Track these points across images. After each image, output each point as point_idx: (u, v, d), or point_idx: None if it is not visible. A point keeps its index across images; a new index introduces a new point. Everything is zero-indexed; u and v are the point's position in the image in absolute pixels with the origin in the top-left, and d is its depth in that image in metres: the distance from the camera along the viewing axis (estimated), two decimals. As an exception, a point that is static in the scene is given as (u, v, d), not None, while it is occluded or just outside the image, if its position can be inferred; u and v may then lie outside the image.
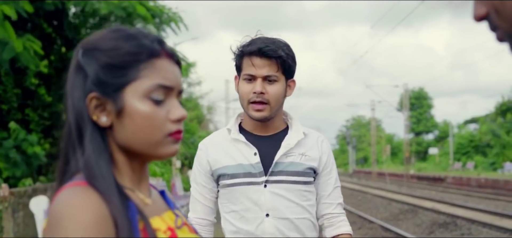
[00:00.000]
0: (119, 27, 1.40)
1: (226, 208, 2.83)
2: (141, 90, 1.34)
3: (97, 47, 1.35)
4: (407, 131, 55.86)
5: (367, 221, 17.38)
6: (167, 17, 17.22)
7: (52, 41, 16.92)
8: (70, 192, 1.26)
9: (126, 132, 1.35)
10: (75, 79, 1.35)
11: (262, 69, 2.72)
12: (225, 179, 2.81)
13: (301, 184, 2.79)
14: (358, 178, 58.45)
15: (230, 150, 2.82)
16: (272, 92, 2.73)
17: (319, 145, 2.89)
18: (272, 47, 2.71)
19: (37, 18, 15.88)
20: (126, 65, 1.34)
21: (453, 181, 39.27)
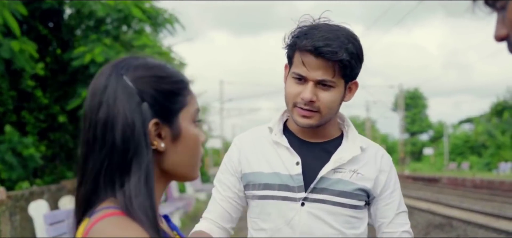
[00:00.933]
0: (146, 57, 1.44)
1: (255, 225, 2.36)
2: (190, 115, 1.41)
3: (148, 75, 1.38)
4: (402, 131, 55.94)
5: (363, 223, 17.39)
6: (163, 19, 17.22)
7: (47, 43, 16.89)
8: (117, 223, 1.27)
9: (177, 156, 1.39)
10: (128, 105, 1.33)
11: (316, 72, 2.20)
12: (256, 189, 2.33)
13: (347, 208, 2.28)
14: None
15: (268, 154, 2.34)
16: (325, 100, 2.23)
17: (377, 162, 2.36)
18: (332, 47, 2.17)
19: (32, 19, 15.86)
20: (180, 92, 1.40)
21: (448, 182, 39.32)
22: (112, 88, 1.35)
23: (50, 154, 16.53)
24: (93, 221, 1.29)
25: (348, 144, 2.35)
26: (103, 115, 1.33)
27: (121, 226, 1.26)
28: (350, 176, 2.30)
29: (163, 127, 1.36)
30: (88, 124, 1.35)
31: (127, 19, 16.20)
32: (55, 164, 16.56)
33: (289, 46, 2.28)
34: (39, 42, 15.91)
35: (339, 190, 2.28)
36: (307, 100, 2.22)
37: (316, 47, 2.16)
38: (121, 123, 1.32)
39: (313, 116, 2.26)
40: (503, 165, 48.43)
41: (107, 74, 1.38)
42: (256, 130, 2.46)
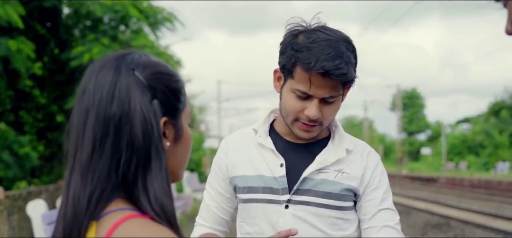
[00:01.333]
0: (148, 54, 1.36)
1: (242, 229, 2.31)
2: (187, 116, 1.37)
3: (160, 71, 1.32)
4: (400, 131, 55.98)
5: (361, 222, 17.40)
6: (162, 17, 17.23)
7: (45, 43, 16.88)
8: (148, 225, 1.20)
9: (176, 156, 1.35)
10: (142, 100, 1.27)
11: (323, 90, 2.12)
12: (241, 192, 2.28)
13: (333, 209, 2.20)
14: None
15: (254, 157, 2.28)
16: (328, 114, 2.18)
17: (363, 159, 2.29)
18: (341, 69, 2.08)
19: (30, 19, 15.85)
20: (183, 91, 1.36)
21: (446, 182, 39.35)
22: (124, 82, 1.27)
23: (48, 153, 16.54)
24: (114, 222, 1.20)
25: (333, 146, 2.28)
26: (117, 110, 1.25)
27: (155, 228, 1.20)
28: (335, 176, 2.22)
29: (168, 126, 1.31)
30: (94, 118, 1.26)
31: (125, 19, 16.22)
32: (53, 164, 16.56)
33: (288, 58, 2.15)
34: (37, 42, 15.90)
35: (323, 191, 2.21)
36: (314, 118, 2.15)
37: (326, 70, 2.05)
38: (138, 119, 1.25)
39: (315, 129, 2.20)
40: (501, 165, 48.50)
41: (115, 67, 1.29)
42: (243, 131, 2.40)
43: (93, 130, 1.25)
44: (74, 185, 1.25)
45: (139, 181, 1.24)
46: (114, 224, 1.19)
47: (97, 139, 1.25)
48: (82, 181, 1.24)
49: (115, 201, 1.24)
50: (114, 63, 1.30)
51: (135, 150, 1.24)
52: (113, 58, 1.32)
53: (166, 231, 1.19)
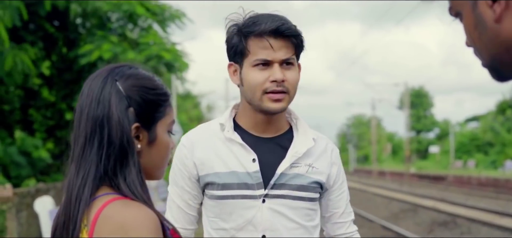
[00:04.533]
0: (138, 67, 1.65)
1: (214, 225, 2.34)
2: (166, 125, 1.64)
3: (138, 84, 1.59)
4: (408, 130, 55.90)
5: (367, 220, 17.42)
6: (169, 14, 17.29)
7: (54, 42, 16.99)
8: (126, 205, 1.49)
9: (149, 158, 1.61)
10: (119, 107, 1.55)
11: (280, 52, 2.23)
12: (215, 189, 2.30)
13: (306, 201, 2.31)
14: (358, 176, 58.49)
15: (223, 153, 2.31)
16: (291, 79, 2.26)
17: (328, 155, 2.41)
18: (288, 24, 2.25)
19: (39, 18, 15.95)
20: (162, 104, 1.63)
21: (454, 180, 39.28)
22: (107, 90, 1.55)
23: (57, 151, 16.64)
24: (100, 206, 1.49)
25: (300, 137, 2.37)
26: (100, 112, 1.54)
27: (132, 206, 1.49)
28: (306, 171, 2.32)
29: (142, 131, 1.57)
30: (86, 118, 1.55)
31: (132, 17, 16.29)
32: (62, 162, 16.63)
33: (238, 40, 2.27)
34: (45, 41, 16.02)
35: (297, 185, 2.30)
36: (280, 79, 2.23)
37: (277, 28, 2.21)
38: (114, 122, 1.53)
39: (284, 98, 2.27)
40: (509, 163, 48.28)
41: (104, 77, 1.58)
42: (204, 127, 2.42)
43: (85, 127, 1.55)
44: (70, 174, 1.56)
45: (118, 172, 1.53)
46: (102, 206, 1.48)
47: (87, 135, 1.54)
48: (75, 171, 1.54)
49: (102, 187, 1.53)
50: (105, 73, 1.59)
51: (112, 147, 1.52)
52: (106, 69, 1.61)
53: (142, 206, 1.49)
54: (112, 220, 1.45)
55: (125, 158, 1.53)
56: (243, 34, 2.26)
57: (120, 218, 1.45)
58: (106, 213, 1.47)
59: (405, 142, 55.34)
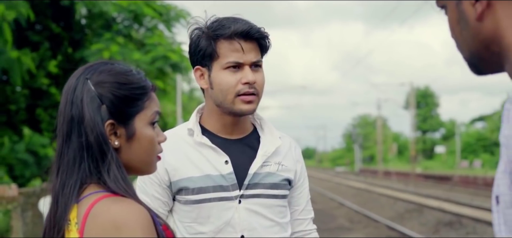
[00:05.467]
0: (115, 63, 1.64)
1: (191, 230, 2.33)
2: (147, 118, 1.61)
3: (109, 81, 1.58)
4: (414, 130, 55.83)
5: (372, 220, 17.43)
6: (175, 14, 17.34)
7: (59, 42, 17.04)
8: (116, 202, 1.49)
9: (131, 153, 1.60)
10: (91, 106, 1.55)
11: (250, 54, 2.28)
12: (189, 194, 2.30)
13: (279, 198, 2.38)
14: (364, 176, 58.42)
15: (194, 157, 2.33)
16: (260, 81, 2.33)
17: (292, 153, 2.49)
18: (256, 28, 2.30)
19: (45, 18, 16.00)
20: (137, 98, 1.60)
21: (460, 180, 39.21)
22: (79, 90, 1.57)
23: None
24: (89, 204, 1.49)
25: (267, 137, 2.42)
26: (74, 112, 1.55)
27: (122, 202, 1.49)
28: (277, 169, 2.38)
29: (118, 127, 1.57)
30: (63, 119, 1.57)
31: (138, 18, 16.34)
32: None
33: (207, 43, 2.29)
34: (51, 41, 16.06)
35: (270, 183, 2.36)
36: (252, 81, 2.27)
37: (247, 31, 2.26)
38: (88, 121, 1.53)
39: (255, 100, 2.31)
40: (515, 164, 48.08)
41: (77, 76, 1.60)
42: (171, 133, 2.35)
43: (62, 128, 1.57)
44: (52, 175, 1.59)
45: (102, 169, 1.53)
46: (91, 204, 1.49)
47: (64, 136, 1.56)
48: (56, 171, 1.57)
49: (90, 186, 1.53)
50: (79, 73, 1.61)
51: (90, 145, 1.53)
52: (81, 69, 1.62)
53: (133, 202, 1.50)
54: (103, 218, 1.46)
55: (104, 156, 1.53)
56: (212, 37, 2.28)
57: (110, 215, 1.45)
58: (95, 211, 1.47)
59: (411, 142, 55.25)
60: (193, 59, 2.37)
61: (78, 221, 1.49)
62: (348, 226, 16.62)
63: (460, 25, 1.24)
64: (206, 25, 2.31)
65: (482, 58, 1.24)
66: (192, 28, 2.35)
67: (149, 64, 16.00)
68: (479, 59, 1.24)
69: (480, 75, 1.29)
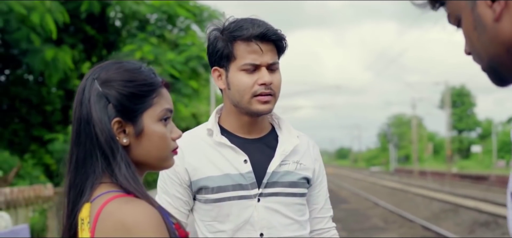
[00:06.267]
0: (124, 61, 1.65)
1: (211, 228, 2.37)
2: (156, 115, 1.62)
3: (116, 79, 1.59)
4: (449, 129, 55.25)
5: (407, 220, 17.29)
6: (208, 14, 17.40)
7: (94, 44, 17.22)
8: (127, 202, 1.50)
9: (142, 150, 1.60)
10: (98, 105, 1.57)
11: (266, 56, 2.31)
12: (209, 193, 2.34)
13: (298, 197, 2.41)
14: (399, 176, 58.00)
15: (213, 157, 2.37)
16: (277, 82, 2.36)
17: (311, 152, 2.51)
18: (273, 30, 2.33)
19: (79, 21, 16.18)
20: (144, 95, 1.61)
21: (496, 180, 38.63)
22: (87, 90, 1.59)
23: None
24: (101, 204, 1.50)
25: (286, 136, 2.45)
26: (83, 112, 1.58)
27: (133, 203, 1.50)
28: (295, 167, 2.41)
29: (126, 124, 1.58)
30: (74, 119, 1.60)
31: (172, 18, 16.43)
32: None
33: (224, 45, 2.32)
34: (85, 43, 16.24)
35: (289, 181, 2.38)
36: (268, 82, 2.31)
37: (264, 33, 2.29)
38: (95, 121, 1.56)
39: (271, 100, 2.34)
40: (554, 163, 47.39)
41: (87, 77, 1.62)
42: (191, 134, 2.44)
43: (74, 127, 1.60)
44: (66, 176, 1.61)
45: (114, 168, 1.54)
46: (103, 204, 1.50)
47: (75, 136, 1.59)
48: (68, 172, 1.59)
49: (103, 185, 1.55)
50: (88, 74, 1.63)
51: (100, 144, 1.55)
52: (91, 70, 1.64)
53: (143, 203, 1.50)
54: (112, 218, 1.47)
55: (113, 154, 1.55)
56: (229, 38, 2.32)
57: (120, 215, 1.46)
58: (106, 211, 1.48)
59: (447, 142, 54.67)
60: (211, 60, 2.40)
61: (90, 220, 1.51)
62: (382, 226, 16.51)
63: (478, 31, 1.22)
64: (223, 27, 2.35)
65: (502, 62, 1.21)
66: (211, 29, 2.39)
67: (183, 64, 16.10)
68: (499, 64, 1.22)
69: (502, 84, 1.26)
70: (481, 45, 1.22)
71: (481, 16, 1.20)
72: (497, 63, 1.22)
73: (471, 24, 1.22)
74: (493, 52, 1.21)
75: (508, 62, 1.21)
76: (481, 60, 1.25)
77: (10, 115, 17.29)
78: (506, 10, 1.18)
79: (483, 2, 1.19)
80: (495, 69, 1.23)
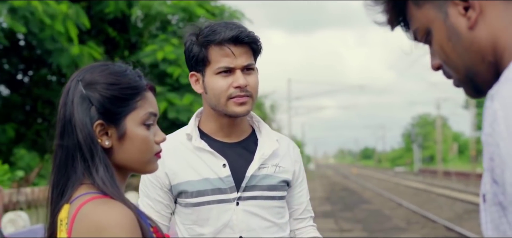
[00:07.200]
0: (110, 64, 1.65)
1: (192, 232, 2.40)
2: (139, 118, 1.62)
3: (99, 82, 1.60)
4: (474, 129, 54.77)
5: (430, 221, 17.18)
6: (229, 15, 17.41)
7: (115, 46, 17.32)
8: (102, 204, 1.51)
9: (125, 153, 1.61)
10: (81, 107, 1.58)
11: (240, 59, 2.34)
12: (189, 197, 2.38)
13: (276, 200, 2.44)
14: (423, 176, 57.65)
15: (193, 161, 2.40)
16: (253, 83, 2.38)
17: (291, 153, 2.55)
18: (246, 32, 2.36)
19: (101, 23, 16.28)
20: (127, 98, 1.61)
21: (522, 180, 38.20)
22: (71, 91, 1.61)
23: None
24: (78, 205, 1.52)
25: (265, 140, 2.48)
26: (67, 114, 1.59)
27: (110, 205, 1.51)
28: (274, 171, 2.44)
29: (109, 127, 1.59)
30: (58, 120, 1.62)
31: (192, 19, 16.48)
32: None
33: (199, 49, 2.35)
34: (107, 45, 16.34)
35: (267, 185, 2.42)
36: (243, 85, 2.33)
37: (236, 36, 2.31)
38: (77, 122, 1.57)
39: (248, 102, 2.37)
40: None
41: (72, 79, 1.63)
42: (172, 139, 2.42)
43: (57, 128, 1.61)
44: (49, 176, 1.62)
45: (92, 170, 1.55)
46: (80, 205, 1.51)
47: (58, 137, 1.60)
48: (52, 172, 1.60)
49: (83, 186, 1.56)
50: (74, 75, 1.64)
51: (80, 146, 1.56)
52: (78, 71, 1.66)
53: (119, 205, 1.51)
54: (88, 219, 1.48)
55: (93, 156, 1.56)
56: (203, 43, 2.34)
57: (95, 217, 1.48)
58: (82, 212, 1.50)
59: (471, 142, 54.20)
60: (188, 65, 2.43)
61: (68, 221, 1.52)
62: (404, 226, 16.41)
63: (452, 41, 1.20)
64: (199, 32, 2.38)
65: (478, 71, 1.20)
66: (187, 34, 2.42)
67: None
68: (475, 73, 1.20)
69: (477, 95, 1.25)
70: (457, 55, 1.20)
71: (454, 26, 1.19)
72: (473, 72, 1.20)
73: (444, 35, 1.20)
74: (469, 62, 1.19)
75: (483, 71, 1.19)
76: (457, 72, 1.23)
77: (33, 116, 17.45)
78: (481, 17, 1.16)
79: (456, 11, 1.18)
80: (472, 79, 1.21)
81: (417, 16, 1.25)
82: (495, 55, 1.17)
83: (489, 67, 1.18)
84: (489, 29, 1.16)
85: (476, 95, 1.25)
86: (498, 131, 1.07)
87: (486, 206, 1.15)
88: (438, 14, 1.20)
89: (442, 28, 1.20)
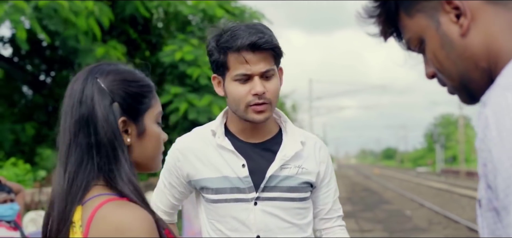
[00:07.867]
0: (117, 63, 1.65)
1: (212, 226, 2.45)
2: (154, 116, 1.64)
3: (119, 78, 1.59)
4: (497, 129, 54.28)
5: (452, 221, 17.05)
6: (249, 15, 17.44)
7: (136, 46, 17.41)
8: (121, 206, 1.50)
9: (142, 150, 1.61)
10: (103, 104, 1.55)
11: (258, 65, 2.31)
12: (209, 193, 2.42)
13: (296, 201, 2.43)
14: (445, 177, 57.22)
15: (214, 159, 2.42)
16: (272, 89, 2.35)
17: (316, 154, 2.50)
18: (266, 37, 2.31)
19: (122, 24, 16.38)
20: (146, 95, 1.63)
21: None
22: (88, 89, 1.56)
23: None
24: (95, 206, 1.50)
25: (289, 141, 2.46)
26: (84, 112, 1.55)
27: (127, 207, 1.50)
28: (296, 172, 2.42)
29: (130, 124, 1.58)
30: (70, 119, 1.57)
31: (212, 20, 16.54)
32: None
33: (218, 54, 2.35)
34: (128, 45, 16.43)
35: (287, 186, 2.40)
36: (261, 93, 2.31)
37: (254, 42, 2.27)
38: (100, 119, 1.54)
39: (267, 109, 2.35)
40: None
41: (83, 79, 1.59)
42: (197, 132, 2.51)
43: (69, 129, 1.57)
44: (57, 176, 1.58)
45: (114, 169, 1.53)
46: (96, 207, 1.49)
47: (72, 136, 1.56)
48: (61, 171, 1.56)
49: (95, 187, 1.54)
50: (84, 74, 1.61)
51: (102, 144, 1.53)
52: (85, 70, 1.62)
53: (137, 207, 1.50)
54: (107, 221, 1.47)
55: (116, 154, 1.54)
56: (221, 49, 2.33)
57: (115, 219, 1.46)
58: (101, 214, 1.48)
59: (495, 142, 53.68)
60: (211, 67, 2.44)
61: (83, 223, 1.50)
62: (425, 227, 16.31)
63: (445, 49, 1.20)
64: (219, 36, 2.36)
65: (472, 78, 1.20)
66: (209, 37, 2.41)
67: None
68: (469, 80, 1.21)
69: (472, 101, 1.25)
70: (450, 62, 1.21)
71: (447, 34, 1.19)
72: (467, 79, 1.21)
73: (437, 43, 1.21)
74: (463, 69, 1.20)
75: (477, 77, 1.20)
76: (451, 79, 1.23)
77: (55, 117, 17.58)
78: (473, 24, 1.17)
79: (448, 19, 1.18)
80: (466, 86, 1.22)
81: (409, 26, 1.26)
82: (488, 61, 1.17)
83: (482, 74, 1.19)
84: (481, 36, 1.17)
85: (470, 102, 1.25)
86: (490, 137, 1.08)
87: (482, 211, 1.15)
88: (430, 23, 1.21)
89: (435, 36, 1.21)
